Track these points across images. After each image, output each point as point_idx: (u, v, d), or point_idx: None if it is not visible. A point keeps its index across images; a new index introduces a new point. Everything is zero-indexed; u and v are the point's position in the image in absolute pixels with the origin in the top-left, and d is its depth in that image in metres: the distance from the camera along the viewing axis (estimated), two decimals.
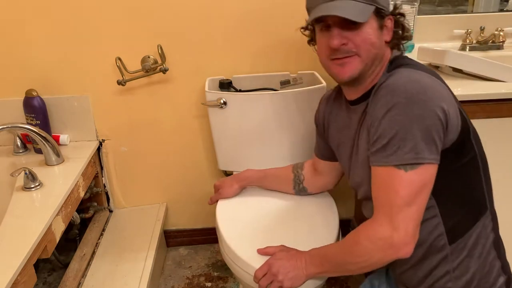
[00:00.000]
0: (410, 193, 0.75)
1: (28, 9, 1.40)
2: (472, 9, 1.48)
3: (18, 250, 0.98)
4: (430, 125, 0.74)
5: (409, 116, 0.74)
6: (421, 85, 0.75)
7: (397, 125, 0.75)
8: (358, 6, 0.80)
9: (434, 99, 0.75)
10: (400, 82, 0.76)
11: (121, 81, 1.45)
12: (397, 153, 0.75)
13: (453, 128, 0.77)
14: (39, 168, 1.37)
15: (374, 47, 0.83)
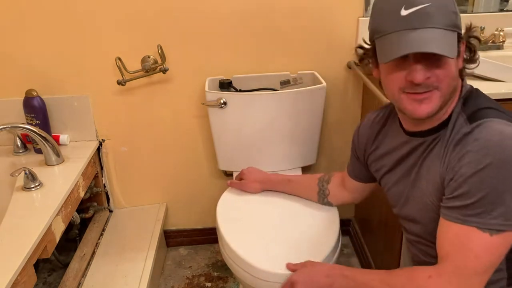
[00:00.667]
0: (492, 260, 0.70)
1: (28, 9, 1.40)
2: (472, 9, 1.48)
3: (18, 250, 0.98)
4: None
5: (503, 179, 0.68)
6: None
7: (489, 187, 0.68)
8: (447, 36, 0.71)
9: None
10: (494, 139, 0.69)
11: (121, 81, 1.45)
12: (482, 215, 0.70)
13: None
14: (39, 168, 1.37)
15: (454, 79, 0.76)
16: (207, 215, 1.75)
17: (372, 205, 1.47)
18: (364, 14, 1.46)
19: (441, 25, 0.70)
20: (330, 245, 1.07)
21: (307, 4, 1.44)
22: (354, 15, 1.46)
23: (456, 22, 0.73)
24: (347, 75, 1.55)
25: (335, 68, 1.53)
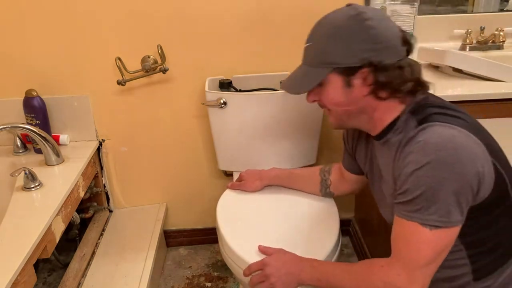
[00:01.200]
0: (432, 254, 0.75)
1: (28, 9, 1.40)
2: (472, 9, 1.48)
3: (18, 250, 0.98)
4: (458, 189, 0.72)
5: (438, 178, 0.72)
6: (454, 145, 0.72)
7: (424, 185, 0.73)
8: (310, 72, 0.83)
9: (466, 163, 0.71)
10: (432, 140, 0.73)
11: (121, 81, 1.45)
12: (422, 211, 0.74)
13: (485, 188, 0.74)
14: (39, 168, 1.37)
15: (340, 105, 0.84)
16: (207, 215, 1.75)
17: (372, 205, 1.47)
18: None
19: (308, 63, 0.86)
20: (330, 245, 1.07)
21: (307, 4, 1.43)
22: None
23: (327, 60, 0.81)
24: None
25: None
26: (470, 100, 1.06)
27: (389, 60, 0.78)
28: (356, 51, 0.78)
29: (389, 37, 0.78)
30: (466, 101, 1.06)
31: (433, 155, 0.72)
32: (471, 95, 1.06)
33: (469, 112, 1.06)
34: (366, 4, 1.44)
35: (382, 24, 0.79)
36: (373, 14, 0.80)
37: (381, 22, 0.79)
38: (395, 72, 0.78)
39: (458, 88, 1.09)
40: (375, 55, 0.77)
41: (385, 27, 0.79)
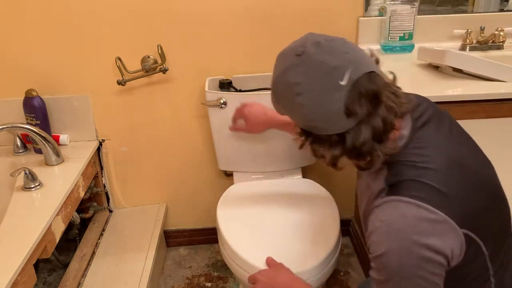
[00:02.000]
0: None
1: (28, 9, 1.40)
2: (472, 9, 1.48)
3: (18, 250, 0.98)
4: (427, 273, 0.68)
5: (402, 267, 0.68)
6: (417, 230, 0.67)
7: (389, 272, 0.70)
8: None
9: (429, 244, 0.67)
10: (394, 226, 0.69)
11: (121, 81, 1.45)
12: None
13: (454, 258, 0.70)
14: (39, 168, 1.37)
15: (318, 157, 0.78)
16: (207, 215, 1.75)
17: None
18: (364, 14, 1.46)
19: None
20: (330, 245, 1.07)
21: (307, 4, 1.44)
22: (354, 15, 1.46)
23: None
24: None
25: None
26: (470, 100, 1.06)
27: (325, 133, 0.71)
28: (296, 120, 0.75)
29: (323, 116, 0.70)
30: (466, 101, 1.06)
31: (395, 243, 0.68)
32: (471, 95, 1.06)
33: (469, 112, 1.07)
34: (366, 6, 1.44)
35: (314, 100, 0.69)
36: (307, 85, 0.69)
37: (314, 100, 0.69)
38: (333, 148, 0.72)
39: (458, 88, 1.09)
40: (312, 128, 0.72)
41: (317, 103, 0.69)
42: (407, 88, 1.09)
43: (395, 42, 1.41)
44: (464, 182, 0.73)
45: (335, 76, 0.68)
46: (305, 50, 0.71)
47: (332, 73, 0.68)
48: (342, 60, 0.69)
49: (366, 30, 1.46)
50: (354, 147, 0.70)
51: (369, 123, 0.69)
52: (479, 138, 1.11)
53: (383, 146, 0.72)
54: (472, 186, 0.74)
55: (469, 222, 0.70)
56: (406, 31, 1.39)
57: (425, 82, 1.15)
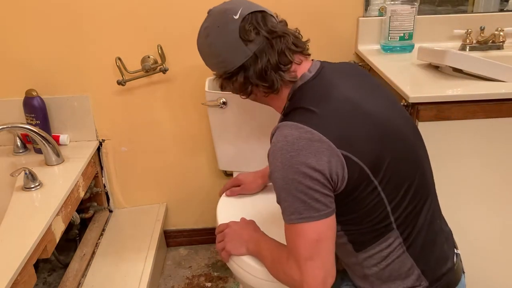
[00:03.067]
0: (308, 248, 0.80)
1: (28, 9, 1.40)
2: (472, 9, 1.48)
3: (18, 250, 0.98)
4: (304, 188, 0.76)
5: (284, 181, 0.78)
6: (297, 147, 0.76)
7: (277, 189, 0.80)
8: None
9: (307, 163, 0.76)
10: (278, 145, 0.78)
11: (121, 81, 1.45)
12: (284, 213, 0.81)
13: (338, 179, 0.78)
14: (39, 168, 1.37)
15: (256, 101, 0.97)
16: (207, 215, 1.75)
17: None
18: (364, 14, 1.46)
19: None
20: None
21: (307, 4, 1.44)
22: (354, 15, 1.46)
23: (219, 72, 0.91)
24: None
25: None
26: (470, 100, 1.06)
27: (232, 66, 0.87)
28: (212, 67, 0.92)
29: (226, 46, 0.86)
30: (466, 101, 1.06)
31: (278, 160, 0.78)
32: (471, 95, 1.06)
33: (469, 112, 1.07)
34: (366, 6, 1.45)
35: (216, 35, 0.87)
36: (211, 25, 0.89)
37: (216, 34, 0.87)
38: (241, 76, 0.87)
39: (458, 88, 1.09)
40: (222, 66, 0.89)
41: (219, 36, 0.87)
42: (407, 88, 1.09)
43: (395, 42, 1.41)
44: (351, 115, 0.81)
45: (230, 14, 0.86)
46: (213, 8, 0.93)
47: (228, 12, 0.86)
48: (236, 3, 0.88)
49: (366, 30, 1.46)
50: (254, 72, 0.85)
51: (266, 51, 0.85)
52: (479, 138, 1.11)
53: (283, 75, 0.86)
54: (359, 120, 0.81)
55: (347, 147, 0.77)
56: (406, 31, 1.39)
57: (425, 82, 1.15)
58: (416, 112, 1.07)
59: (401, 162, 0.83)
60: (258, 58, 0.84)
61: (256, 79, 0.86)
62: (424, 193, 0.86)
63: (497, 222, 1.21)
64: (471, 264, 1.25)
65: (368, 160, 0.79)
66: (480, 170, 1.14)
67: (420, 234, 0.85)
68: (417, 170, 0.85)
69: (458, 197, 1.17)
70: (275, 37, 0.86)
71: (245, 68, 0.86)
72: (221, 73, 0.90)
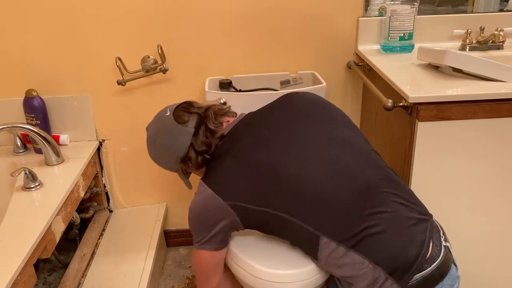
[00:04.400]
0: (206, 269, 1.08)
1: (28, 9, 1.40)
2: (472, 9, 1.48)
3: (18, 250, 0.98)
4: (208, 233, 1.01)
5: (192, 228, 1.03)
6: (198, 209, 1.00)
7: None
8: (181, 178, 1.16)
9: (206, 217, 0.99)
10: (192, 205, 1.01)
11: (121, 81, 1.45)
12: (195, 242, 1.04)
13: (237, 222, 0.98)
14: (39, 168, 1.37)
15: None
16: None
17: None
18: (364, 14, 1.46)
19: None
20: None
21: (307, 4, 1.44)
22: (354, 15, 1.46)
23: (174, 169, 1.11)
24: (347, 75, 1.55)
25: (335, 68, 1.53)
26: (470, 100, 1.06)
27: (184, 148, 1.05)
28: (171, 163, 1.11)
29: (172, 137, 1.05)
30: (466, 101, 1.06)
31: (190, 214, 1.02)
32: (471, 95, 1.06)
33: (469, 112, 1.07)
34: (366, 6, 1.45)
35: (161, 135, 1.08)
36: (153, 132, 1.11)
37: (160, 134, 1.08)
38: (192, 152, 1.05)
39: (458, 88, 1.09)
40: (176, 155, 1.07)
41: (164, 134, 1.07)
42: (407, 88, 1.09)
43: (395, 42, 1.41)
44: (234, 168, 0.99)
45: (162, 115, 1.11)
46: (148, 124, 1.18)
47: (161, 116, 1.11)
48: (163, 109, 1.14)
49: (366, 30, 1.46)
50: (200, 142, 1.04)
51: (203, 122, 1.04)
52: (479, 138, 1.11)
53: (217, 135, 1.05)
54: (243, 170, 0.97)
55: (234, 197, 0.96)
56: (406, 31, 1.39)
57: (425, 82, 1.15)
58: (416, 112, 1.07)
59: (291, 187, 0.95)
60: (197, 131, 1.03)
61: (201, 146, 1.03)
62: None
63: (497, 221, 1.21)
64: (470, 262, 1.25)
65: (250, 200, 0.96)
66: (480, 170, 1.14)
67: (360, 233, 0.90)
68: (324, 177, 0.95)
69: (457, 196, 1.17)
70: (206, 108, 1.07)
71: (193, 144, 1.03)
72: (178, 162, 1.06)
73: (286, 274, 1.00)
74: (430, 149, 1.11)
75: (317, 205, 0.92)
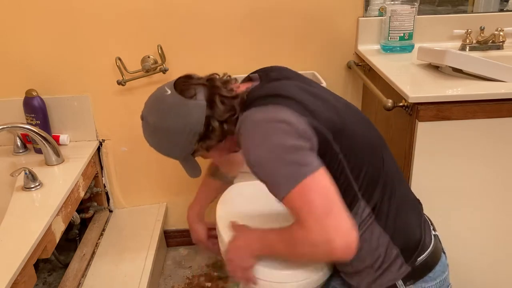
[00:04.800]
0: (321, 202, 0.79)
1: (28, 9, 1.40)
2: (472, 9, 1.48)
3: (18, 250, 0.98)
4: (291, 147, 0.79)
5: (269, 150, 0.80)
6: (268, 120, 0.81)
7: (263, 165, 0.81)
8: (187, 164, 1.04)
9: (284, 117, 0.80)
10: (248, 130, 0.83)
11: (121, 81, 1.45)
12: (280, 185, 0.81)
13: (313, 140, 0.82)
14: (39, 168, 1.37)
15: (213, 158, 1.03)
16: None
17: None
18: (364, 14, 1.46)
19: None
20: None
21: (307, 4, 1.44)
22: (354, 15, 1.46)
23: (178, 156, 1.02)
24: (347, 75, 1.55)
25: (335, 68, 1.53)
26: (470, 100, 1.06)
27: (200, 124, 0.91)
28: (187, 144, 0.96)
29: (183, 114, 0.91)
30: (466, 101, 1.06)
31: (256, 138, 0.81)
32: (471, 95, 1.06)
33: (469, 112, 1.07)
34: (366, 6, 1.45)
35: (169, 116, 0.93)
36: (154, 115, 0.95)
37: (166, 116, 0.93)
38: (214, 122, 0.91)
39: (458, 88, 1.09)
40: (192, 133, 0.92)
41: (171, 114, 0.92)
42: (407, 88, 1.09)
43: (395, 42, 1.41)
44: (307, 97, 0.86)
45: (161, 95, 0.95)
46: (142, 112, 1.00)
47: (158, 96, 0.95)
48: (157, 89, 0.98)
49: (366, 30, 1.46)
50: (220, 111, 0.90)
51: (212, 91, 0.90)
52: (479, 138, 1.11)
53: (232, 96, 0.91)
54: (314, 99, 0.87)
55: (310, 114, 0.83)
56: (406, 31, 1.39)
57: (425, 82, 1.15)
58: (416, 112, 1.07)
59: (359, 133, 0.89)
60: (213, 101, 0.89)
61: (223, 115, 0.90)
62: (383, 167, 0.91)
63: (497, 221, 1.21)
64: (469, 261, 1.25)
65: (328, 126, 0.84)
66: (479, 170, 1.14)
67: (384, 203, 0.88)
68: (376, 146, 0.92)
69: (457, 196, 1.17)
70: (208, 79, 0.93)
71: (211, 116, 0.90)
72: (196, 140, 0.92)
73: (286, 274, 1.00)
74: (430, 149, 1.11)
75: (364, 154, 0.89)
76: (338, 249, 0.77)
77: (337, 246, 0.77)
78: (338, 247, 0.77)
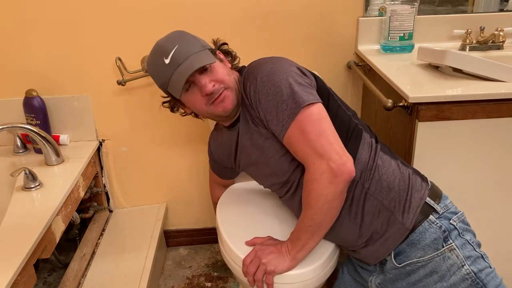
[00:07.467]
0: (326, 126, 0.91)
1: (28, 9, 1.40)
2: (472, 9, 1.48)
3: (18, 250, 0.98)
4: (300, 78, 0.94)
5: (285, 74, 0.94)
6: (271, 60, 0.99)
7: (271, 96, 0.92)
8: (201, 55, 0.98)
9: (285, 64, 0.97)
10: (262, 76, 0.94)
11: (121, 81, 1.45)
12: (287, 115, 0.91)
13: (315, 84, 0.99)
14: (39, 168, 1.37)
15: (229, 75, 1.02)
16: (207, 215, 1.75)
17: None
18: (364, 14, 1.46)
19: (192, 52, 0.98)
20: (330, 245, 1.08)
21: (307, 4, 1.44)
22: (354, 15, 1.46)
23: (203, 44, 1.02)
24: (347, 75, 1.55)
25: (335, 68, 1.53)
26: (470, 100, 1.06)
27: None
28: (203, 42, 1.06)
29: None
30: (466, 101, 1.06)
31: (260, 75, 0.94)
32: (471, 95, 1.06)
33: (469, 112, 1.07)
34: (366, 6, 1.45)
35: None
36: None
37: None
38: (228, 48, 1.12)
39: (458, 88, 1.09)
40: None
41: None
42: (407, 88, 1.09)
43: (395, 42, 1.41)
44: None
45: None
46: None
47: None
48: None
49: (366, 30, 1.46)
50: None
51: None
52: (479, 138, 1.11)
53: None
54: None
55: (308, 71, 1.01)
56: (406, 31, 1.39)
57: (425, 82, 1.15)
58: (416, 112, 1.07)
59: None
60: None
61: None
62: None
63: (497, 221, 1.21)
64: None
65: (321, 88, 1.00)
66: (479, 170, 1.14)
67: (379, 142, 1.02)
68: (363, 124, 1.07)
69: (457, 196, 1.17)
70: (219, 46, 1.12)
71: None
72: (204, 46, 1.02)
73: (287, 275, 1.00)
74: (430, 149, 1.11)
75: None
76: (336, 171, 0.87)
77: (335, 168, 0.87)
78: (336, 169, 0.87)
